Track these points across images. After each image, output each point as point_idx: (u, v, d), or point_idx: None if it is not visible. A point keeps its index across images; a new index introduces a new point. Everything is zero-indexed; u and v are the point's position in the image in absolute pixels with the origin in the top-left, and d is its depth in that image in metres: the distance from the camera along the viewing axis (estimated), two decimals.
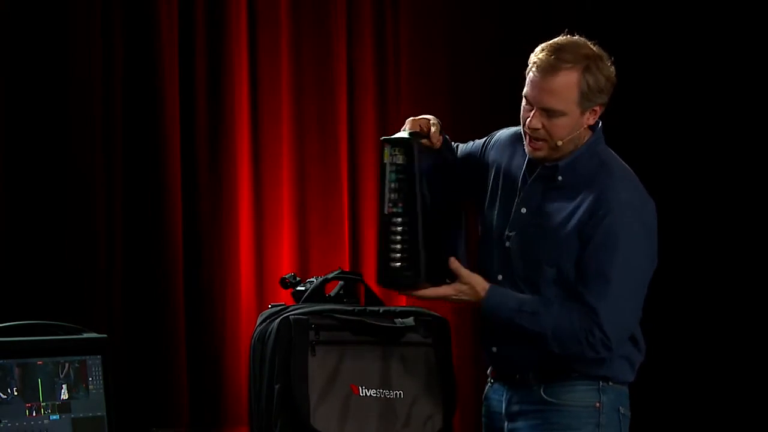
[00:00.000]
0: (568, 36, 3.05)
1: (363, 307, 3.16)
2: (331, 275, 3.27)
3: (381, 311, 3.14)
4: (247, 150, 4.86)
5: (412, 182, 3.01)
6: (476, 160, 3.24)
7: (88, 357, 3.42)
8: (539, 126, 3.00)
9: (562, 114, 2.99)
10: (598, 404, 3.06)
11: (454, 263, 3.03)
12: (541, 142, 3.02)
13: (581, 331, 2.96)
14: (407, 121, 3.12)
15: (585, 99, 2.99)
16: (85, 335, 3.46)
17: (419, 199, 3.00)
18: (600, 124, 3.09)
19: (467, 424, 4.72)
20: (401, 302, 4.88)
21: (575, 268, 2.99)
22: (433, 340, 3.15)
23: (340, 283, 3.27)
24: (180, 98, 4.74)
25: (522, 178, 3.11)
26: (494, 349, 3.13)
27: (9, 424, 3.22)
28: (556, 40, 3.04)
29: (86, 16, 4.59)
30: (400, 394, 3.08)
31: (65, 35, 4.57)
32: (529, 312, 2.99)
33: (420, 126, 3.10)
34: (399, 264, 3.01)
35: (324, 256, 4.93)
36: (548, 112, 2.99)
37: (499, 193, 3.14)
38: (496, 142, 3.24)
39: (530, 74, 3.01)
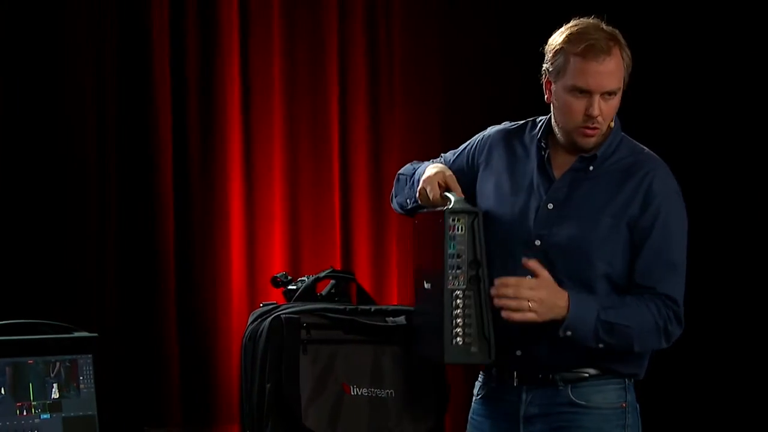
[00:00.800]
0: (582, 19, 3.02)
1: (354, 306, 3.15)
2: (322, 274, 3.27)
3: (372, 310, 3.13)
4: (238, 149, 4.86)
5: (474, 253, 2.96)
6: (467, 174, 3.18)
7: (79, 356, 3.41)
8: (600, 112, 2.96)
9: (617, 93, 2.97)
10: (624, 404, 3.03)
11: (533, 263, 2.94)
12: (598, 129, 2.98)
13: (662, 321, 2.92)
14: (426, 183, 3.06)
15: (626, 73, 2.99)
16: (76, 334, 3.45)
17: (484, 271, 2.95)
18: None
19: (458, 423, 4.72)
20: (393, 301, 4.89)
21: (636, 261, 2.96)
22: None
23: (332, 282, 3.26)
24: (172, 97, 4.75)
25: (541, 174, 3.05)
26: (518, 352, 3.03)
27: (0, 424, 3.22)
28: (579, 25, 2.99)
29: (78, 16, 4.59)
30: (391, 393, 3.08)
31: (58, 34, 4.57)
32: (614, 307, 2.93)
33: (440, 183, 3.05)
34: (463, 340, 2.94)
35: (315, 254, 4.93)
36: (608, 95, 2.95)
37: (509, 193, 3.08)
38: (485, 144, 3.18)
39: (578, 63, 2.93)
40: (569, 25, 3.01)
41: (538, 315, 2.90)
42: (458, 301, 2.94)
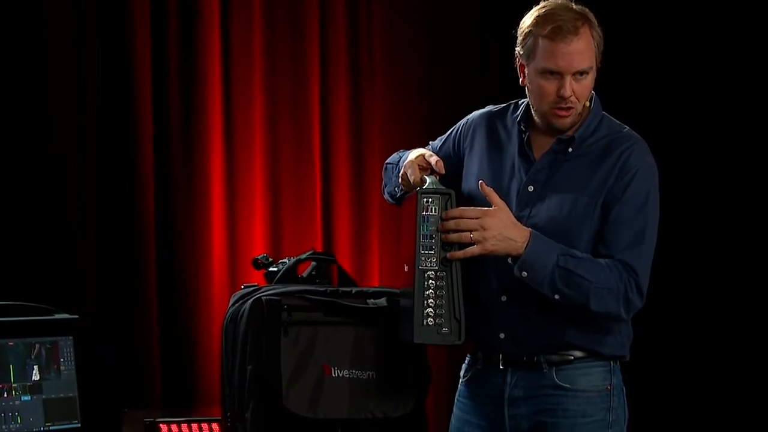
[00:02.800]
0: (551, 1, 3.01)
1: (336, 288, 3.15)
2: (303, 256, 3.27)
3: (354, 292, 3.13)
4: (219, 132, 4.85)
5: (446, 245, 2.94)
6: (453, 160, 3.19)
7: (59, 338, 3.41)
8: (572, 92, 2.96)
9: (589, 72, 2.97)
10: (609, 387, 3.03)
11: (487, 188, 2.94)
12: (572, 109, 2.98)
13: (623, 286, 2.90)
14: (407, 167, 3.06)
15: (598, 51, 2.99)
16: (57, 316, 3.46)
17: (456, 251, 2.93)
18: (594, 93, 3.08)
19: (440, 405, 4.73)
20: (374, 283, 4.90)
21: (602, 230, 2.95)
22: None
23: (313, 263, 3.27)
24: (152, 81, 4.74)
25: (521, 156, 3.06)
26: (502, 335, 3.03)
27: None
28: (547, 6, 2.99)
29: (59, 7, 4.58)
30: (372, 374, 3.08)
31: (38, 26, 4.56)
32: (574, 256, 2.91)
33: (421, 165, 3.06)
34: (434, 321, 2.93)
35: (296, 236, 4.93)
36: (580, 74, 2.95)
37: (489, 173, 3.08)
38: (469, 128, 3.19)
39: (547, 45, 2.94)
40: (538, 6, 3.01)
41: (483, 247, 2.89)
42: (430, 281, 2.93)
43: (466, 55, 5.24)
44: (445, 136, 3.26)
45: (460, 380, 3.19)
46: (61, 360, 3.41)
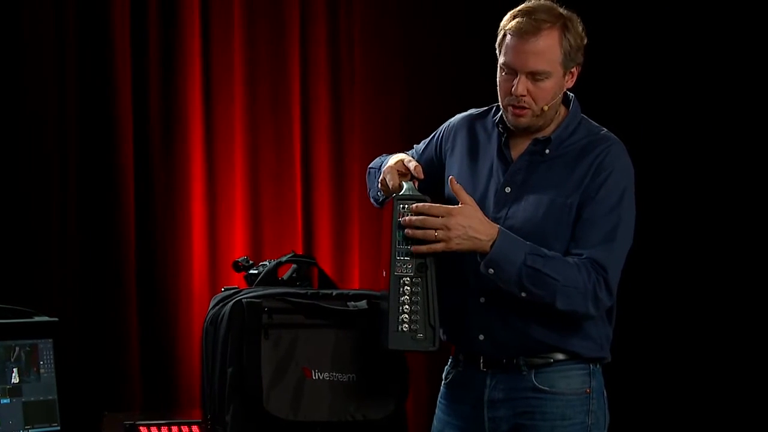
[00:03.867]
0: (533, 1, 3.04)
1: (316, 291, 3.15)
2: (284, 258, 3.27)
3: (334, 294, 3.14)
4: (200, 134, 4.85)
5: (422, 241, 2.95)
6: (436, 164, 3.21)
7: (39, 340, 3.41)
8: (525, 92, 2.96)
9: (548, 76, 2.97)
10: (588, 390, 3.03)
11: (456, 186, 2.95)
12: (526, 110, 2.99)
13: (591, 285, 2.91)
14: (386, 172, 3.08)
15: (567, 58, 2.98)
16: (37, 318, 3.45)
17: (432, 258, 2.95)
18: (573, 96, 3.09)
19: (419, 407, 4.74)
20: (354, 286, 4.90)
21: (575, 228, 2.96)
22: None
23: (294, 266, 3.27)
24: (132, 82, 4.73)
25: (499, 158, 3.07)
26: (481, 337, 3.04)
27: None
28: (526, 4, 3.01)
29: (39, 7, 4.57)
30: (353, 377, 3.08)
31: (18, 27, 4.55)
32: (542, 255, 2.91)
33: (400, 170, 3.07)
34: (409, 327, 2.94)
35: (277, 239, 4.93)
36: (535, 76, 2.96)
37: (468, 175, 3.09)
38: (451, 131, 3.20)
39: (509, 41, 2.97)
40: (522, 4, 3.03)
41: (446, 245, 2.89)
42: (405, 287, 2.94)
43: (447, 57, 5.24)
44: (428, 139, 3.28)
45: (442, 382, 3.20)
46: (41, 363, 3.40)
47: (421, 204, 2.93)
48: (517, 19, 2.96)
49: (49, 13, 4.60)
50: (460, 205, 2.93)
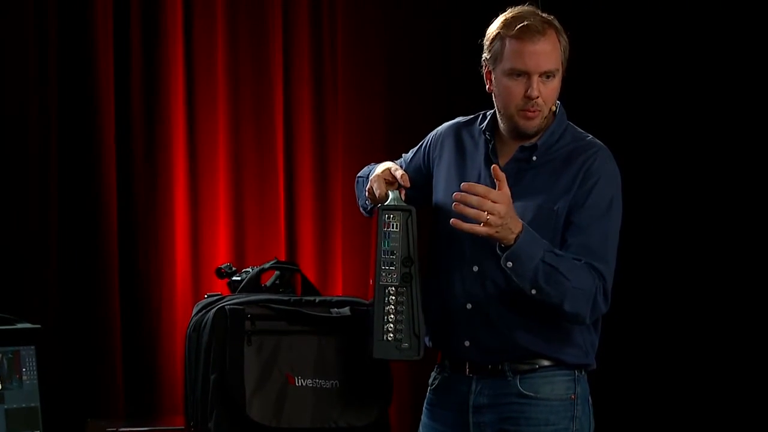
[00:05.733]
0: (518, 7, 3.04)
1: (299, 297, 3.15)
2: (267, 265, 3.27)
3: (317, 301, 3.14)
4: (182, 139, 4.85)
5: (408, 250, 2.97)
6: (424, 172, 3.21)
7: (21, 347, 3.40)
8: (539, 94, 2.97)
9: (555, 75, 2.98)
10: (573, 396, 3.03)
11: (500, 174, 2.89)
12: (538, 112, 2.99)
13: (594, 289, 2.91)
14: (373, 181, 3.09)
15: (564, 56, 3.01)
16: (19, 325, 3.44)
17: (416, 268, 2.96)
18: (559, 102, 3.09)
19: (403, 414, 4.74)
20: (338, 292, 4.90)
21: (566, 236, 2.96)
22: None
23: (276, 273, 3.27)
24: (114, 86, 4.72)
25: (487, 165, 3.05)
26: (467, 343, 3.04)
27: None
28: (515, 12, 3.01)
29: (20, 10, 4.56)
30: (336, 383, 3.08)
31: None
32: (558, 254, 2.91)
33: (387, 179, 3.08)
34: (394, 336, 2.96)
35: (260, 246, 4.93)
36: (546, 76, 2.97)
37: (456, 183, 3.04)
38: (438, 139, 3.20)
39: (513, 46, 2.96)
40: (505, 12, 3.04)
41: (488, 230, 2.85)
42: (391, 297, 2.96)
43: (430, 63, 5.25)
44: (416, 148, 3.28)
45: (429, 388, 3.20)
46: (24, 369, 3.40)
47: (483, 188, 2.86)
48: (518, 23, 2.96)
49: (29, 18, 4.59)
50: (504, 193, 2.87)
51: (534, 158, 3.04)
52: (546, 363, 3.02)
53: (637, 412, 5.19)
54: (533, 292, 2.91)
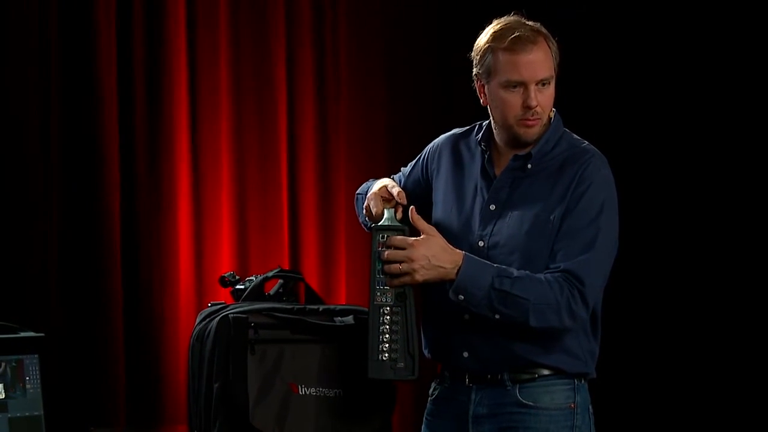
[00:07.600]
0: (503, 18, 3.04)
1: (302, 306, 3.16)
2: (270, 274, 3.27)
3: (321, 310, 3.14)
4: (186, 148, 4.85)
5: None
6: (423, 185, 3.22)
7: (25, 356, 3.39)
8: (537, 102, 2.98)
9: (551, 81, 2.99)
10: (572, 405, 3.03)
11: (415, 215, 2.95)
12: (538, 120, 3.00)
13: (564, 300, 2.90)
14: (370, 199, 3.09)
15: (556, 62, 3.01)
16: (22, 334, 3.43)
17: (411, 288, 2.96)
18: (554, 110, 3.10)
19: (405, 424, 4.74)
20: (341, 301, 4.90)
21: (554, 240, 2.96)
22: None
23: (280, 281, 3.27)
24: (118, 96, 4.72)
25: (483, 176, 3.07)
26: (465, 353, 3.04)
27: None
28: (503, 23, 3.02)
29: (23, 14, 4.56)
30: (339, 392, 3.08)
31: (1, 30, 4.54)
32: (510, 277, 2.91)
33: (384, 196, 3.08)
34: (389, 356, 2.96)
35: (263, 254, 4.93)
36: (542, 84, 2.98)
37: (454, 196, 3.10)
38: (436, 152, 3.21)
39: (506, 58, 2.97)
40: (492, 25, 3.04)
41: (412, 278, 2.91)
42: (385, 317, 2.96)
43: (433, 73, 5.26)
44: (414, 161, 3.29)
45: (429, 398, 3.20)
46: (27, 378, 3.39)
47: (391, 238, 2.94)
48: (509, 35, 2.97)
49: (33, 25, 4.59)
50: (422, 236, 2.94)
51: (529, 167, 3.04)
52: (545, 372, 3.02)
53: (639, 422, 5.19)
54: (496, 317, 2.93)
